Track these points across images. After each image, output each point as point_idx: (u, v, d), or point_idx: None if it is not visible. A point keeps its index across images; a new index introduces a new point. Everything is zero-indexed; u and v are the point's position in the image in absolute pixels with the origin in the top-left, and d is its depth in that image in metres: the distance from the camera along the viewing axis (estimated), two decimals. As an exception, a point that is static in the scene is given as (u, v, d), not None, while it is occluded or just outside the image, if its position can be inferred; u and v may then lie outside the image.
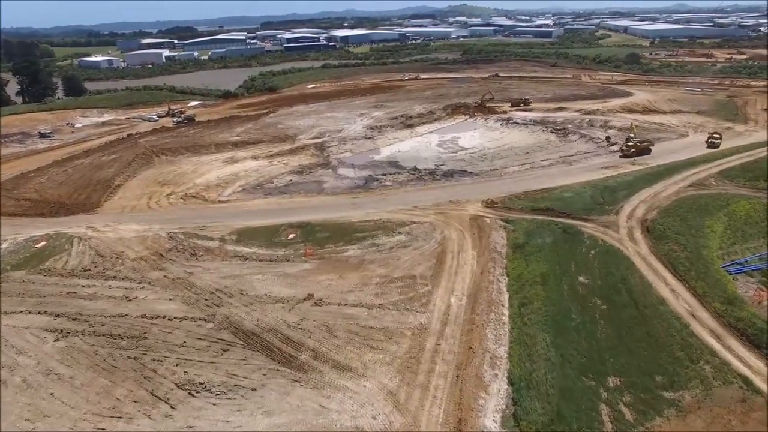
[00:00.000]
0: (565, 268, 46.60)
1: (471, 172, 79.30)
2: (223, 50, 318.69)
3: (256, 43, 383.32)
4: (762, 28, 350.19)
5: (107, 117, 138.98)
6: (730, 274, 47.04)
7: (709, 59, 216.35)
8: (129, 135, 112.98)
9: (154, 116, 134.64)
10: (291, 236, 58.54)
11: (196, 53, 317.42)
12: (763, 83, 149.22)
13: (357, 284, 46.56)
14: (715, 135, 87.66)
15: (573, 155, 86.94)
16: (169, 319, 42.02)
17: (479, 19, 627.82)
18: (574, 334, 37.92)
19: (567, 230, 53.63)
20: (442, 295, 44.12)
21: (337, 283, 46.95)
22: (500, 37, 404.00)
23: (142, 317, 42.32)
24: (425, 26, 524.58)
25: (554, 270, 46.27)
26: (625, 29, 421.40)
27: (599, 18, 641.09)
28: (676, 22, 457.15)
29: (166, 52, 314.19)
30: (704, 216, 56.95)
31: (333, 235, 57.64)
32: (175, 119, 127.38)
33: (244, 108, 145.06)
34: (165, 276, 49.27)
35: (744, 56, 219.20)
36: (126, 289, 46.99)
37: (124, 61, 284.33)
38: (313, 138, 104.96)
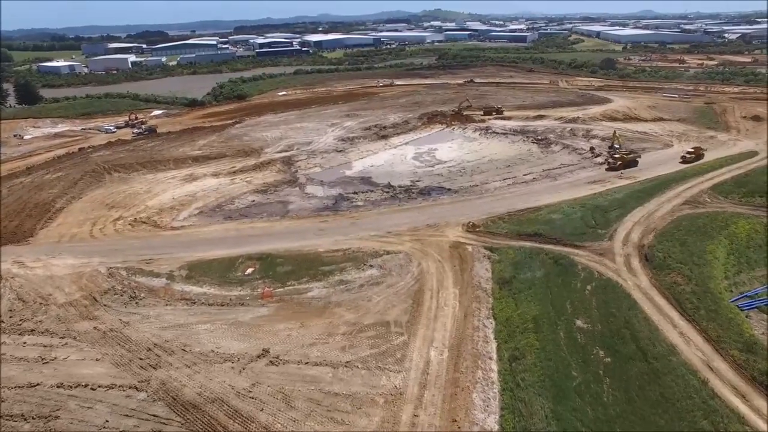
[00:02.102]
0: (560, 310, 40.78)
1: (449, 189, 73.41)
2: (193, 55, 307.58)
3: (227, 48, 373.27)
4: (726, 35, 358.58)
5: (61, 128, 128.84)
6: (741, 309, 42.03)
7: (681, 65, 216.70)
8: (81, 149, 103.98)
9: (112, 127, 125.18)
10: (249, 271, 51.53)
11: (164, 59, 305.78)
12: (737, 90, 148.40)
13: (321, 334, 39.87)
14: (689, 151, 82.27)
15: (557, 168, 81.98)
16: (91, 389, 34.61)
17: (454, 24, 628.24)
18: (577, 398, 31.98)
19: (559, 261, 47.92)
20: (419, 348, 37.77)
21: (298, 333, 40.18)
22: (475, 41, 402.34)
23: (57, 387, 34.79)
24: (400, 31, 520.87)
25: (547, 312, 40.41)
26: (598, 34, 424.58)
27: (571, 23, 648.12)
28: (646, 27, 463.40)
29: (132, 58, 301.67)
30: (704, 239, 52.11)
31: (296, 269, 50.84)
32: (135, 130, 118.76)
33: (209, 118, 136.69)
34: (95, 328, 41.69)
35: (714, 62, 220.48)
36: (44, 347, 39.29)
37: (86, 67, 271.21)
38: (280, 151, 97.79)
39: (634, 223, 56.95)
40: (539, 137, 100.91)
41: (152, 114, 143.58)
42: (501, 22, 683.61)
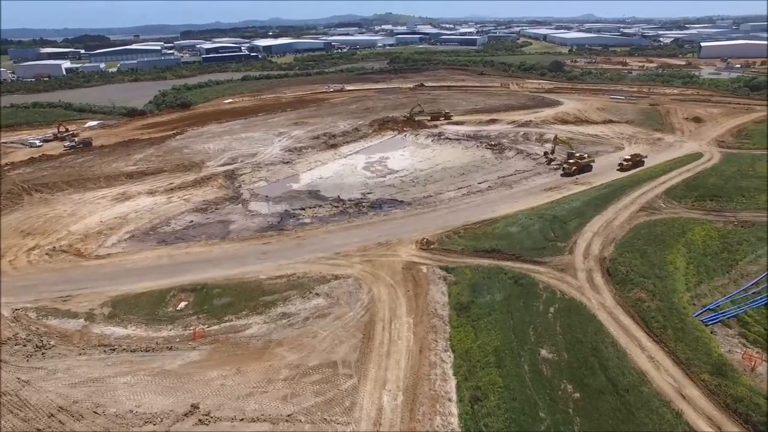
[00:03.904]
0: (523, 338, 37.53)
1: (402, 201, 69.76)
2: (135, 62, 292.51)
3: (172, 53, 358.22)
4: (661, 39, 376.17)
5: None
6: (706, 324, 40.22)
7: (624, 67, 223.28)
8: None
9: (37, 141, 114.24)
10: (181, 305, 45.88)
11: (102, 65, 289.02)
12: (677, 91, 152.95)
13: (260, 381, 34.98)
14: (627, 159, 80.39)
15: (512, 175, 79.96)
16: (-27, 472, 28.51)
17: (405, 28, 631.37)
18: (547, 445, 28.64)
19: (519, 281, 44.88)
20: (371, 392, 33.52)
21: (233, 381, 35.13)
22: (426, 45, 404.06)
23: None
24: (351, 35, 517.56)
25: (510, 342, 37.06)
26: (545, 37, 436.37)
27: (519, 26, 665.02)
28: (589, 30, 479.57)
29: (66, 64, 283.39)
30: (664, 249, 50.59)
31: (235, 301, 45.62)
32: (67, 143, 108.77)
33: (149, 129, 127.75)
34: (-16, 391, 35.19)
35: (654, 64, 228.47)
36: None
37: (13, 73, 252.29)
38: (223, 165, 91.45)
39: (594, 234, 54.94)
40: (493, 142, 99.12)
41: (86, 125, 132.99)
42: (451, 26, 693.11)
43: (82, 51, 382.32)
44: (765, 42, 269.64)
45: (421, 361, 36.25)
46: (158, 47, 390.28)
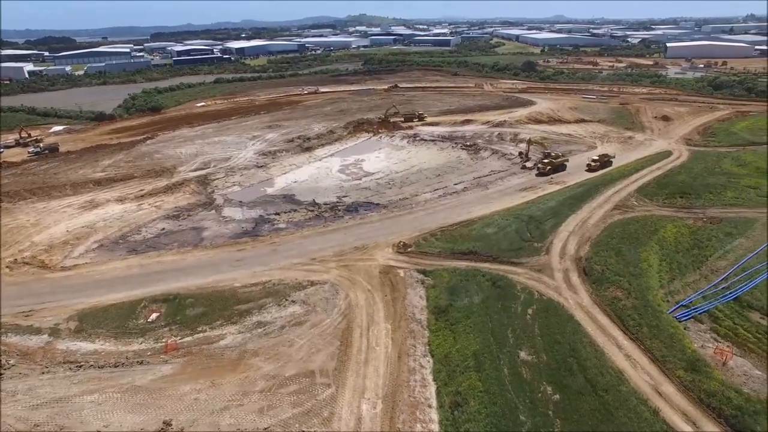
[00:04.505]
0: (502, 341, 37.39)
1: (378, 204, 69.23)
2: (102, 64, 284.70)
3: (142, 56, 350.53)
4: (629, 39, 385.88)
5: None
6: (679, 321, 40.80)
7: (595, 67, 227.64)
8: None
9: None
10: (153, 317, 44.39)
11: (68, 68, 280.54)
12: (645, 90, 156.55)
13: (235, 394, 33.94)
14: (594, 159, 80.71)
15: (487, 175, 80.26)
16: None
17: (379, 29, 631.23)
18: (528, 449, 28.43)
19: (497, 282, 44.80)
20: (349, 401, 32.86)
21: (208, 395, 34.00)
22: (400, 46, 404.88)
23: None
24: (325, 36, 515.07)
25: (489, 345, 36.87)
26: (517, 38, 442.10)
27: (491, 27, 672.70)
28: (560, 31, 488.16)
29: (29, 66, 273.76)
30: (637, 247, 51.27)
31: (208, 311, 44.35)
32: (32, 149, 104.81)
33: (119, 133, 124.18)
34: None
35: (623, 64, 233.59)
36: None
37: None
38: (195, 170, 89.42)
39: (569, 233, 55.37)
40: (468, 143, 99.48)
41: (51, 130, 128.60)
42: (425, 27, 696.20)
43: (46, 53, 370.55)
44: (725, 43, 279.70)
45: (400, 367, 35.74)
46: (127, 49, 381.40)
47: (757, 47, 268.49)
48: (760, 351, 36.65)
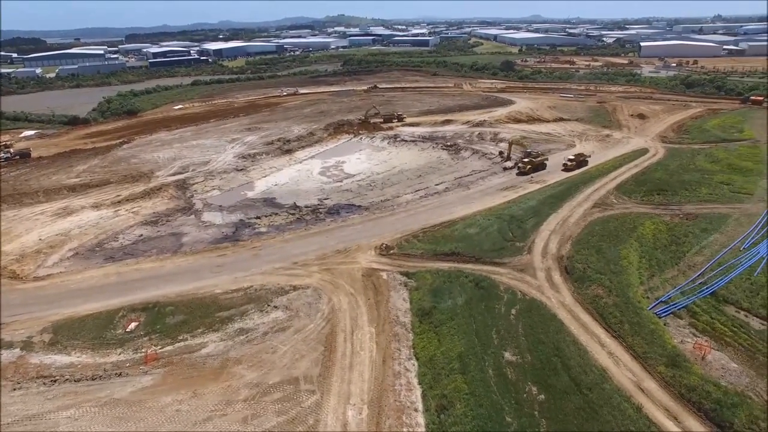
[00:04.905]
0: (486, 342, 37.45)
1: (360, 206, 68.91)
2: (75, 66, 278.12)
3: (117, 58, 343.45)
4: (604, 39, 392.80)
5: None
6: (659, 317, 41.45)
7: (572, 66, 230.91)
8: None
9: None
10: (131, 326, 43.34)
11: (39, 70, 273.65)
12: (621, 89, 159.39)
13: (218, 404, 33.29)
14: (570, 159, 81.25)
15: (468, 175, 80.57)
16: None
17: (358, 29, 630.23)
18: (514, 451, 28.46)
19: (480, 283, 44.89)
20: (335, 407, 32.50)
21: (190, 406, 33.28)
22: (379, 46, 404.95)
23: None
24: (304, 37, 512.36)
25: (473, 346, 36.89)
26: (495, 37, 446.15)
27: (470, 26, 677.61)
28: (537, 31, 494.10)
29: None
30: (617, 244, 51.99)
31: (189, 319, 43.50)
32: (2, 155, 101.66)
33: (93, 138, 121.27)
34: None
35: (599, 63, 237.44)
36: None
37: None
38: (173, 174, 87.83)
39: (551, 232, 55.86)
40: (449, 143, 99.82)
41: (21, 135, 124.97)
42: (404, 27, 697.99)
43: (14, 55, 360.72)
44: (696, 43, 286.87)
45: (385, 371, 35.51)
46: (101, 51, 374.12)
47: (725, 47, 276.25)
48: (736, 344, 37.45)
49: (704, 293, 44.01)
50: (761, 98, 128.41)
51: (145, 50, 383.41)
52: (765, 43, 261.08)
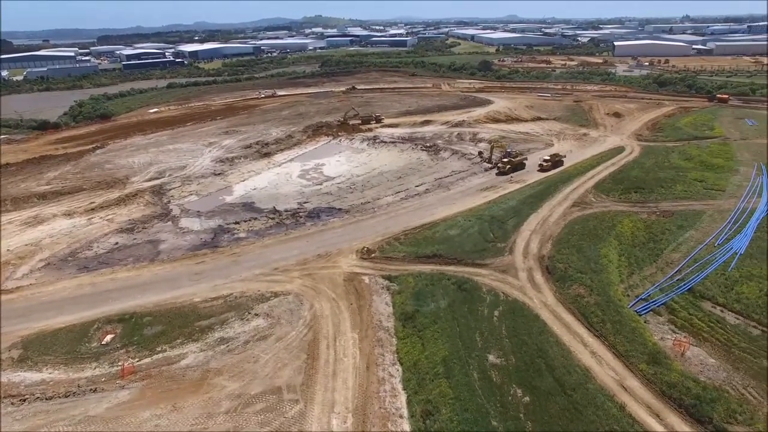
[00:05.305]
0: (470, 345, 37.35)
1: (340, 209, 68.36)
2: (44, 69, 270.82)
3: (89, 60, 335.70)
4: (580, 38, 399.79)
5: None
6: (639, 314, 41.95)
7: (548, 65, 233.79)
8: None
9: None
10: (107, 339, 42.07)
11: (5, 72, 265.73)
12: (597, 88, 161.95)
13: (198, 417, 32.45)
14: (546, 159, 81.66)
15: (448, 176, 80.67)
16: None
17: (335, 30, 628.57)
18: (500, 455, 28.36)
19: (462, 285, 44.83)
20: (319, 417, 31.98)
21: (170, 420, 32.36)
22: (357, 47, 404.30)
23: None
24: (281, 38, 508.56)
25: (457, 350, 36.75)
26: (472, 37, 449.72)
27: (447, 27, 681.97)
28: (513, 31, 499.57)
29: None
30: (597, 243, 52.56)
31: (167, 329, 42.42)
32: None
33: (65, 143, 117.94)
34: None
35: (574, 63, 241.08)
36: None
37: None
38: (149, 179, 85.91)
39: (531, 232, 56.19)
40: (428, 144, 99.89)
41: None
42: (381, 27, 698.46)
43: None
44: (667, 42, 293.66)
45: (369, 378, 35.10)
46: (72, 53, 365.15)
47: (694, 46, 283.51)
48: (713, 339, 38.10)
49: (682, 290, 44.71)
50: (726, 96, 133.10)
51: (118, 52, 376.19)
52: (732, 43, 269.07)
